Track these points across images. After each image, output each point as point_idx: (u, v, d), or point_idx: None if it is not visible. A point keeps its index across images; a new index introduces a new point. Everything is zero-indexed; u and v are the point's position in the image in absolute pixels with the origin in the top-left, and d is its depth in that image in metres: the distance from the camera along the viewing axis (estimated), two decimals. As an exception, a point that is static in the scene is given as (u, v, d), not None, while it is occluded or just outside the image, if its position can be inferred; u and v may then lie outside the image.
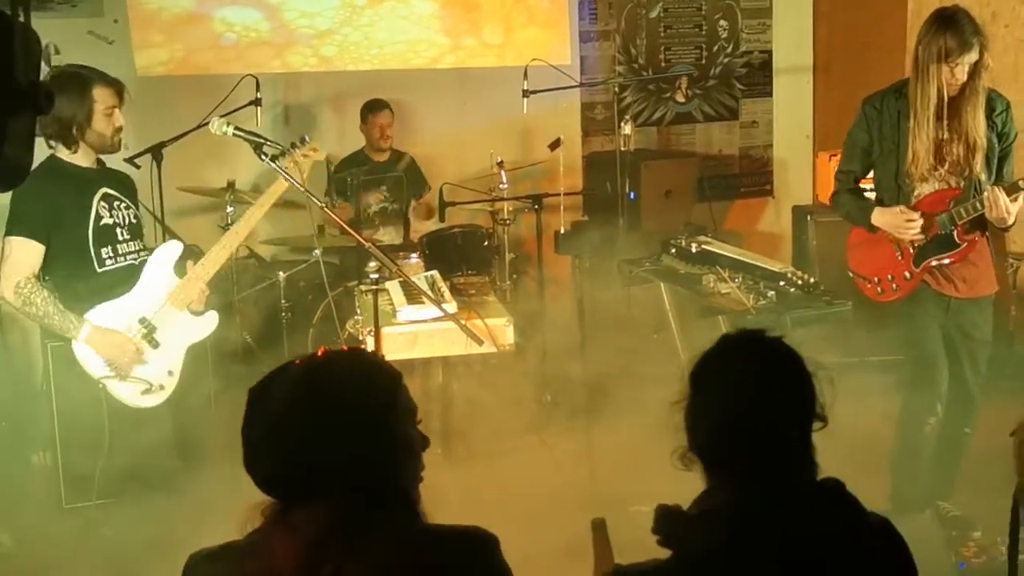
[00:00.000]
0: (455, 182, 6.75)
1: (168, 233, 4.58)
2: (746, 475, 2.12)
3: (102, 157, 4.25)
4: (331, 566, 1.87)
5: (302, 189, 4.02)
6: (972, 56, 4.07)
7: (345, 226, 4.12)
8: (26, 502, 4.99)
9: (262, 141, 4.00)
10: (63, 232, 4.03)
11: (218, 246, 4.23)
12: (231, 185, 6.05)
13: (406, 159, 7.00)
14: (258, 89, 5.91)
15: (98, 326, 4.00)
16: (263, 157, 4.00)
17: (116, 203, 4.18)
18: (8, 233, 4.03)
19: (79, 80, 4.05)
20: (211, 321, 4.27)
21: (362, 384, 2.00)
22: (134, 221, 4.26)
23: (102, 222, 4.10)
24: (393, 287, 4.28)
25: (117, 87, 4.13)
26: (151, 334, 4.12)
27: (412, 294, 4.13)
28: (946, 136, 4.24)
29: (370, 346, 4.04)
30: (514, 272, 6.41)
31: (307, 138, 4.31)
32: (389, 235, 6.80)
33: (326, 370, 2.02)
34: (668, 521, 2.15)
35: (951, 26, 4.07)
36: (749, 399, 2.13)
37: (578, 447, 5.33)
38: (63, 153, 4.08)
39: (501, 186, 6.28)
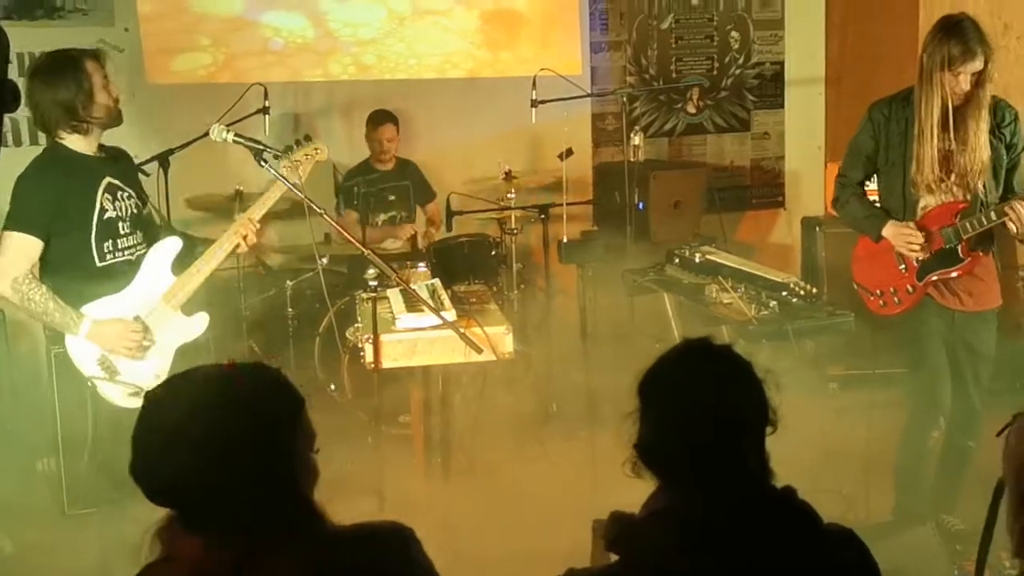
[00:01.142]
0: (463, 191, 6.75)
1: (168, 229, 4.47)
2: (691, 480, 2.12)
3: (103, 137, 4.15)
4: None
5: (302, 196, 4.01)
6: (976, 65, 4.04)
7: (345, 233, 4.13)
8: (29, 508, 5.01)
9: (261, 148, 3.99)
10: (66, 227, 3.93)
11: (215, 245, 4.15)
12: (239, 194, 6.06)
13: (411, 168, 7.00)
14: (266, 98, 5.92)
15: (97, 320, 3.92)
16: (263, 163, 3.98)
17: (119, 193, 4.07)
18: (7, 227, 3.94)
19: (70, 59, 3.98)
20: (201, 322, 4.18)
21: (266, 400, 1.95)
22: (135, 211, 4.14)
23: (106, 215, 3.99)
24: (394, 295, 4.28)
25: (100, 57, 4.04)
26: (144, 338, 4.07)
27: (412, 302, 4.12)
28: (953, 147, 4.21)
29: (369, 354, 4.03)
30: (521, 282, 6.40)
31: (309, 137, 4.26)
32: (397, 243, 6.80)
33: (230, 382, 1.96)
34: (616, 525, 2.15)
35: (956, 34, 4.05)
36: (692, 405, 2.14)
37: (580, 457, 5.31)
38: (68, 139, 3.98)
39: (509, 196, 6.27)
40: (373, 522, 1.99)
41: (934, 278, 4.32)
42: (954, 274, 4.30)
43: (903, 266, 4.38)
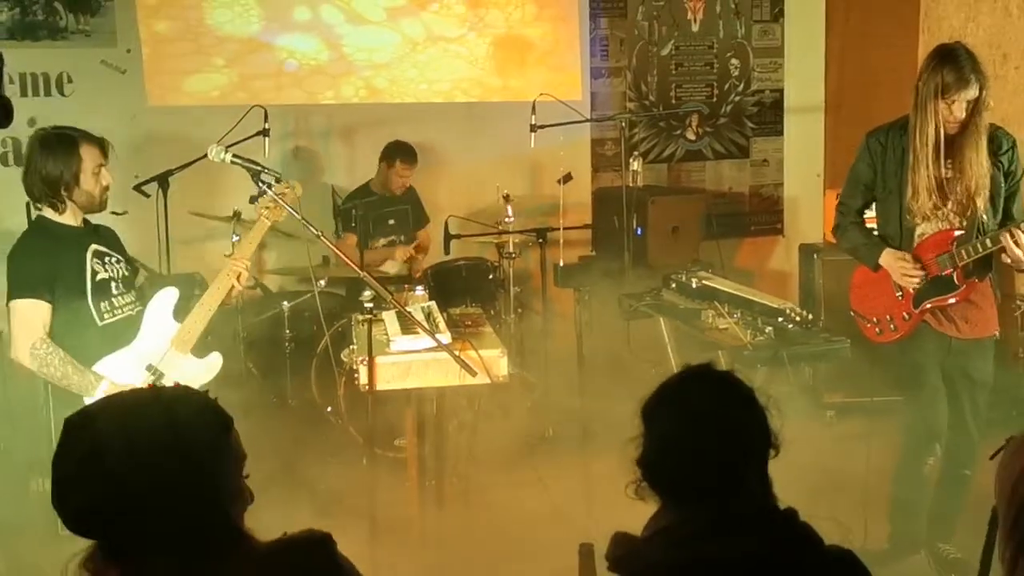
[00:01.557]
0: (462, 215, 6.76)
1: (162, 284, 4.56)
2: (694, 502, 2.14)
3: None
4: None
5: (299, 218, 4.02)
6: (971, 93, 4.04)
7: (341, 255, 4.13)
8: (22, 529, 4.99)
9: (259, 169, 4.01)
10: (63, 290, 3.99)
11: (212, 287, 4.23)
12: (237, 215, 6.07)
13: (411, 192, 7.02)
14: (266, 120, 5.93)
15: (112, 383, 3.96)
16: (260, 184, 4.00)
17: (107, 258, 4.16)
18: (12, 297, 3.98)
19: (66, 140, 4.05)
20: (215, 364, 4.23)
21: (189, 426, 1.89)
22: (126, 274, 4.24)
23: (98, 277, 4.08)
24: (389, 317, 4.28)
25: (102, 145, 4.12)
26: (159, 380, 4.10)
27: (407, 324, 4.12)
28: (949, 175, 4.21)
29: (363, 376, 4.03)
30: (519, 306, 6.40)
31: (279, 178, 4.29)
32: (396, 266, 6.81)
33: (149, 406, 1.91)
34: (620, 546, 2.15)
35: (950, 62, 4.05)
36: (695, 428, 2.17)
37: (574, 482, 5.30)
38: (49, 214, 4.06)
39: (507, 219, 6.28)
40: (291, 534, 1.95)
41: (929, 305, 4.31)
42: (951, 300, 4.29)
43: (899, 293, 4.38)
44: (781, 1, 8.19)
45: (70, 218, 4.08)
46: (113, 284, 4.13)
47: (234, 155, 4.06)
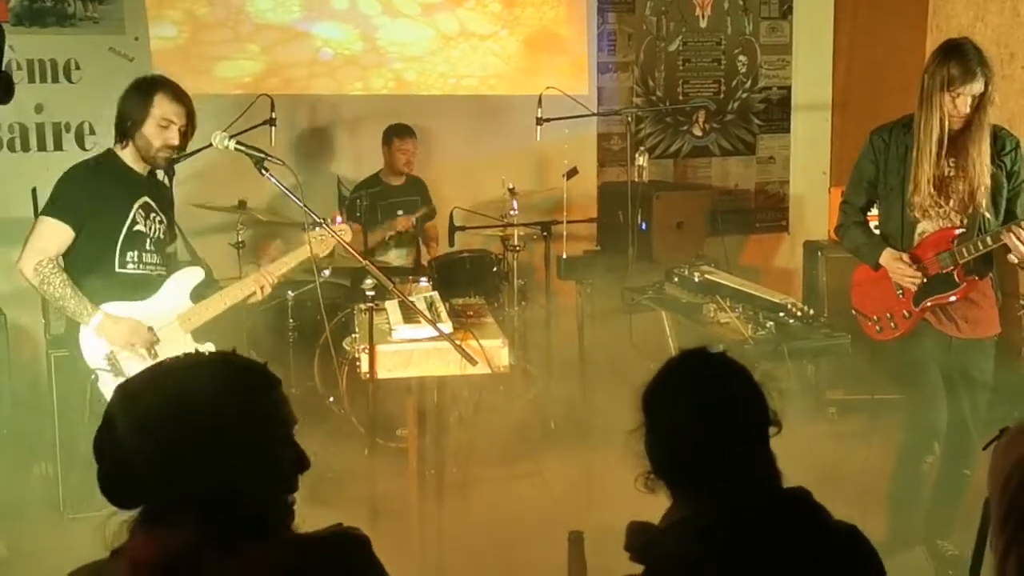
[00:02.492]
0: (467, 207, 6.77)
1: (192, 255, 4.63)
2: (706, 488, 2.15)
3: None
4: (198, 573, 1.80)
5: (300, 204, 4.04)
6: (976, 87, 4.05)
7: (345, 244, 4.16)
8: (26, 512, 5.03)
9: (262, 156, 4.03)
10: (97, 226, 4.09)
11: (235, 286, 4.37)
12: (243, 204, 6.10)
13: (421, 184, 7.03)
14: (273, 109, 5.94)
15: (110, 314, 4.05)
16: (264, 172, 4.02)
17: (152, 215, 4.25)
18: (44, 212, 4.13)
19: (145, 83, 4.20)
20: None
21: (234, 395, 1.89)
22: (162, 237, 4.32)
23: (135, 228, 4.16)
24: (391, 306, 4.29)
25: (185, 105, 4.19)
26: (154, 345, 4.14)
27: (409, 314, 4.13)
28: (951, 173, 4.22)
29: (364, 364, 4.04)
30: (522, 299, 6.41)
31: (340, 218, 4.55)
32: (401, 258, 6.82)
33: (198, 375, 1.91)
34: (638, 536, 2.16)
35: (956, 56, 4.07)
36: (697, 414, 2.18)
37: (574, 474, 5.31)
38: (118, 150, 4.21)
39: (512, 212, 6.29)
40: (333, 529, 1.96)
41: (929, 303, 4.32)
42: (951, 298, 4.29)
43: (900, 292, 4.38)
44: (790, -2, 8.19)
45: (134, 161, 4.20)
46: (148, 240, 4.22)
47: (237, 142, 4.09)
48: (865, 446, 4.97)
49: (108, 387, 4.07)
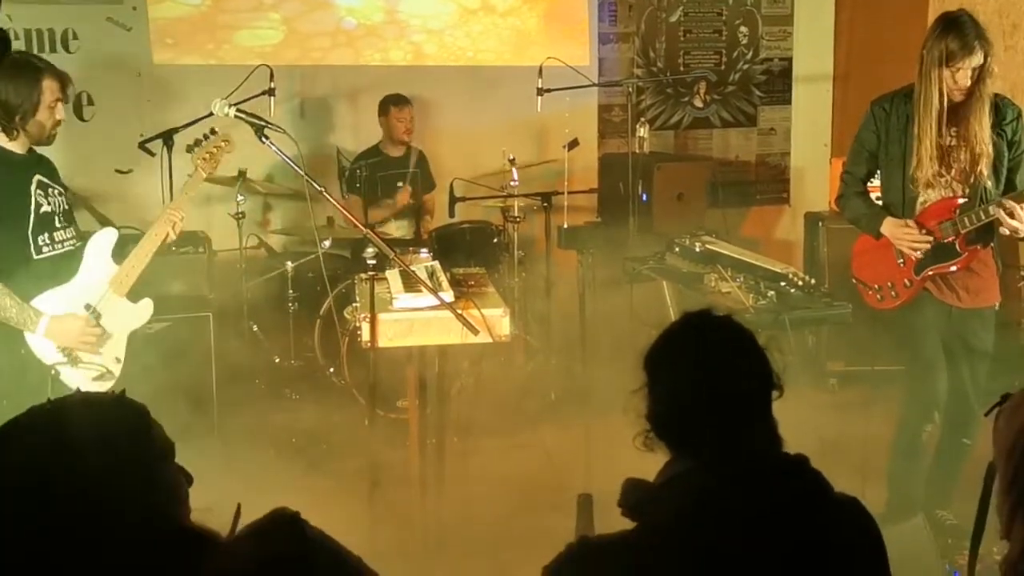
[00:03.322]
0: (467, 178, 6.76)
1: (100, 220, 4.51)
2: (705, 449, 2.14)
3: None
4: None
5: (302, 173, 4.02)
6: (975, 60, 4.04)
7: (343, 211, 4.14)
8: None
9: (263, 124, 3.99)
10: (4, 221, 3.91)
11: (150, 233, 4.19)
12: (242, 174, 6.08)
13: (420, 156, 7.02)
14: (272, 79, 5.93)
15: (53, 317, 3.92)
16: (264, 140, 4.00)
17: (50, 190, 4.11)
18: None
19: (31, 69, 3.98)
20: (147, 308, 4.23)
21: (110, 436, 1.74)
22: (66, 207, 4.18)
23: (42, 210, 4.02)
24: (392, 276, 4.28)
25: (63, 80, 4.07)
26: (97, 321, 4.09)
27: (410, 282, 4.13)
28: (952, 143, 4.21)
29: (366, 333, 4.03)
30: (523, 270, 6.41)
31: (215, 130, 4.34)
32: (402, 229, 6.82)
33: (55, 429, 1.72)
34: (633, 492, 2.15)
35: (954, 29, 4.05)
36: (699, 374, 2.17)
37: (575, 443, 5.32)
38: (3, 141, 4.00)
39: (512, 183, 6.28)
40: (256, 521, 1.85)
41: (930, 272, 4.31)
42: (952, 268, 4.29)
43: (901, 260, 4.38)
44: (791, -31, 8.15)
45: (17, 146, 4.02)
46: (56, 218, 4.08)
47: (238, 110, 4.06)
48: (865, 417, 4.98)
49: (71, 377, 4.01)
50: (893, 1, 7.53)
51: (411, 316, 4.06)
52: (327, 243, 5.96)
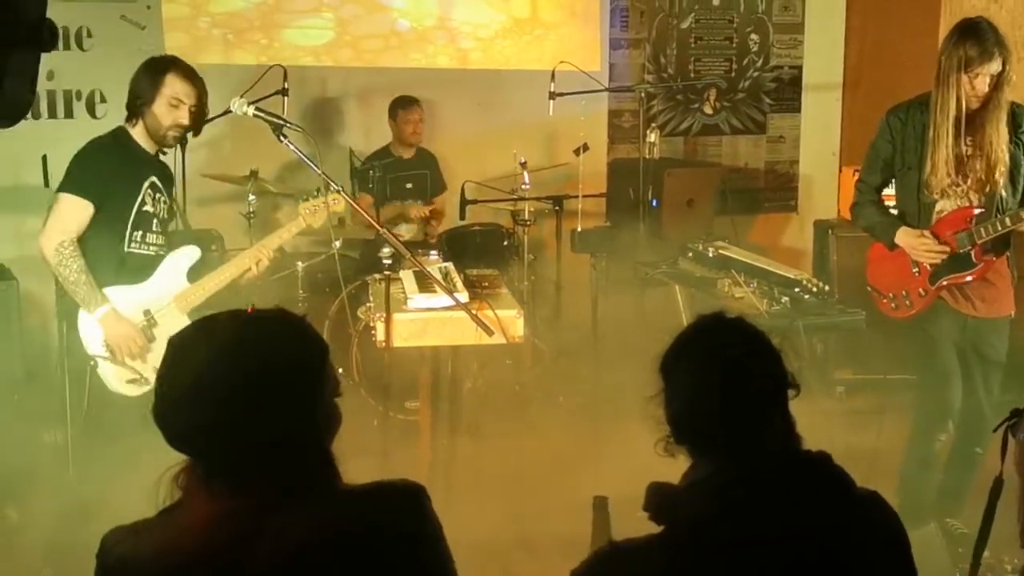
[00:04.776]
0: (478, 181, 6.76)
1: (191, 238, 4.63)
2: (724, 450, 2.15)
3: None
4: (253, 534, 1.79)
5: (319, 172, 4.04)
6: (994, 67, 4.04)
7: (360, 210, 4.15)
8: (34, 479, 5.03)
9: (281, 123, 4.02)
10: (111, 203, 4.08)
11: (231, 263, 4.36)
12: (254, 174, 6.08)
13: (431, 158, 7.02)
14: (285, 79, 5.93)
15: (115, 310, 4.03)
16: (282, 139, 4.02)
17: (158, 195, 4.26)
18: (62, 188, 4.10)
19: (157, 62, 4.23)
20: None
21: (292, 347, 1.91)
22: (166, 217, 4.34)
23: (144, 208, 4.17)
24: (406, 276, 4.30)
25: (196, 85, 4.19)
26: (151, 328, 4.14)
27: (425, 283, 4.14)
28: (968, 151, 4.21)
29: (380, 332, 4.04)
30: (532, 273, 6.41)
31: (329, 186, 4.37)
32: (411, 232, 6.82)
33: (255, 328, 1.93)
34: (657, 496, 2.16)
35: (973, 35, 4.05)
36: (715, 377, 2.17)
37: (585, 448, 5.32)
38: (130, 128, 4.20)
39: (523, 187, 6.29)
40: (386, 480, 1.94)
41: (945, 282, 4.31)
42: (968, 278, 4.29)
43: (916, 269, 4.38)
44: (803, -23, 8.16)
45: (144, 140, 4.20)
46: (155, 220, 4.23)
47: (256, 108, 4.08)
48: (872, 425, 4.98)
49: (107, 373, 4.08)
50: (904, 11, 7.54)
51: (426, 316, 4.08)
52: (338, 243, 5.95)
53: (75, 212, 4.03)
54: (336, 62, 7.17)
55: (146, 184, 4.18)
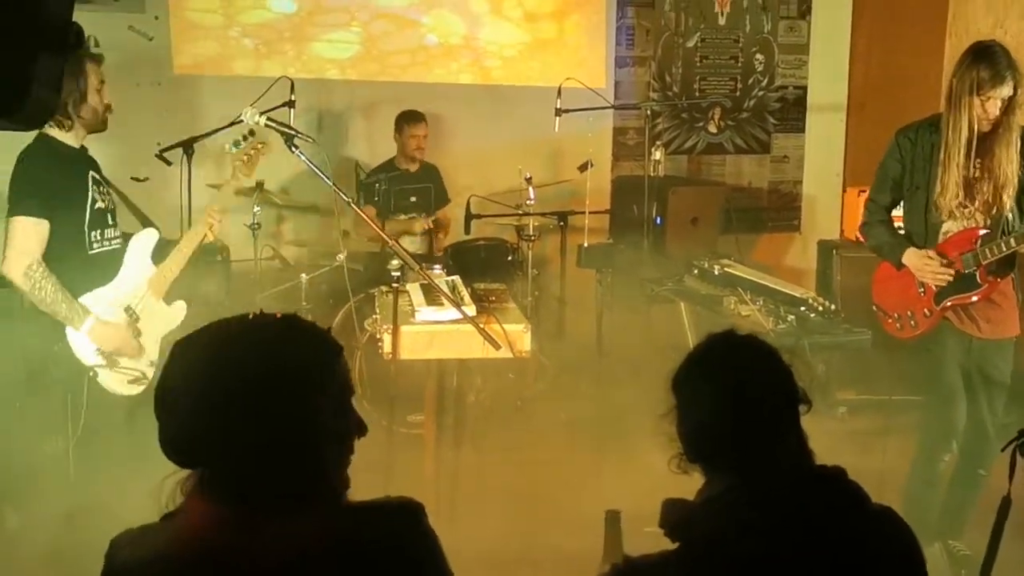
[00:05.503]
0: (482, 196, 6.77)
1: (142, 220, 4.54)
2: (739, 466, 2.16)
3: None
4: (245, 542, 1.78)
5: (330, 184, 4.03)
6: (1005, 90, 4.05)
7: (370, 222, 4.16)
8: (35, 486, 5.01)
9: (293, 133, 4.01)
10: (64, 213, 3.94)
11: (188, 236, 4.26)
12: (259, 185, 6.07)
13: (435, 171, 7.03)
14: (292, 91, 5.93)
15: (99, 318, 3.96)
16: (294, 149, 4.01)
17: (103, 188, 4.14)
18: (12, 213, 3.91)
19: (74, 60, 3.94)
20: (180, 310, 4.27)
21: (293, 351, 1.86)
22: (113, 207, 4.22)
23: (96, 205, 4.05)
24: (413, 289, 4.29)
25: (100, 62, 4.06)
26: (135, 323, 4.11)
27: (432, 296, 4.14)
28: (977, 174, 4.22)
29: (387, 345, 4.04)
30: (536, 289, 6.41)
31: (253, 132, 4.35)
32: (414, 245, 6.81)
33: (254, 334, 1.89)
34: (673, 512, 2.16)
35: (985, 59, 4.06)
36: (728, 394, 2.19)
37: (588, 464, 5.31)
38: (54, 132, 3.99)
39: (528, 202, 6.29)
40: (384, 498, 1.93)
41: (950, 303, 4.31)
42: (973, 299, 4.29)
43: (921, 290, 4.38)
44: (809, -2, 8.19)
45: (73, 139, 4.03)
46: (108, 215, 4.12)
47: (268, 118, 4.07)
48: (875, 446, 4.97)
49: (108, 379, 4.03)
50: (910, 34, 7.56)
51: (433, 329, 4.07)
52: (342, 256, 5.95)
53: (32, 233, 3.86)
54: (362, 76, 7.23)
55: (90, 182, 4.05)
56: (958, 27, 6.99)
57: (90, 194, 4.03)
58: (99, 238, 4.06)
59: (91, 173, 4.08)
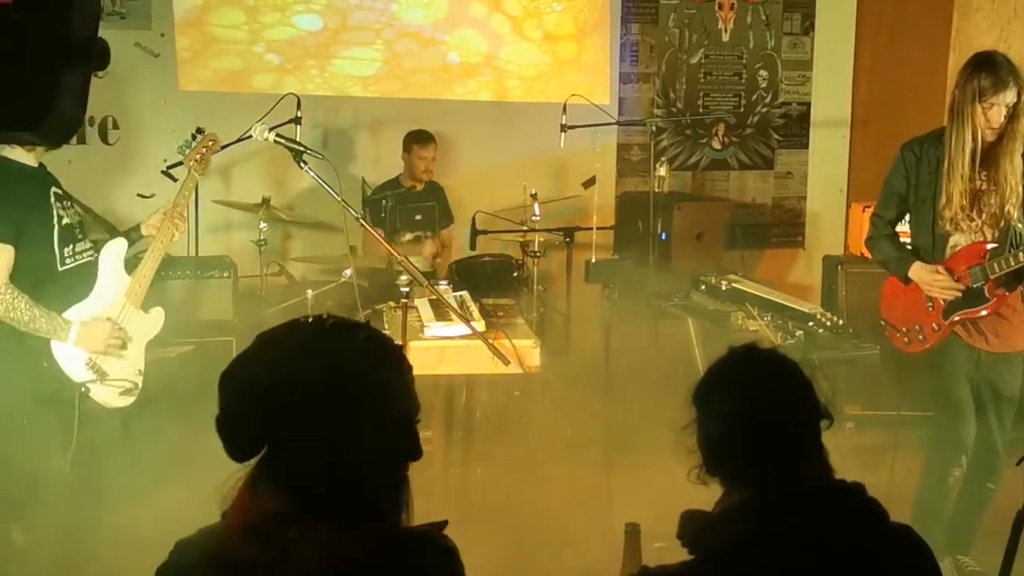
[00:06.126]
0: (488, 212, 6.78)
1: (108, 229, 4.51)
2: (759, 479, 2.17)
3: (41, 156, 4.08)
4: (288, 539, 1.77)
5: (339, 200, 4.04)
6: (1008, 97, 4.06)
7: (379, 237, 4.16)
8: (40, 502, 5.00)
9: (302, 149, 4.02)
10: (31, 233, 3.85)
11: (156, 241, 4.20)
12: (266, 201, 6.09)
13: (440, 190, 7.04)
14: (299, 108, 5.95)
15: (83, 323, 3.90)
16: (303, 165, 4.01)
17: (65, 202, 4.06)
18: None
19: None
20: (159, 316, 4.23)
21: (370, 364, 1.87)
22: (79, 219, 4.14)
23: (64, 221, 3.97)
24: (422, 304, 4.30)
25: None
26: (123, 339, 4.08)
27: (441, 311, 4.14)
28: (983, 186, 4.22)
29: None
30: (541, 305, 6.41)
31: (202, 129, 4.34)
32: (419, 262, 6.81)
33: (346, 338, 1.89)
34: (691, 524, 2.17)
35: (987, 67, 4.08)
36: (750, 408, 2.21)
37: (596, 480, 5.30)
38: (7, 152, 3.88)
39: (533, 218, 6.30)
40: (425, 528, 1.93)
41: (958, 318, 4.31)
42: (982, 313, 4.29)
43: (930, 304, 4.38)
44: (812, 15, 8.19)
45: (28, 157, 3.92)
46: (76, 230, 4.05)
47: (277, 134, 4.08)
48: (883, 462, 4.96)
49: (100, 394, 4.00)
50: (913, 50, 7.58)
51: (442, 344, 4.07)
52: (348, 272, 5.96)
53: None
54: (383, 93, 7.28)
55: (52, 199, 3.95)
56: (961, 42, 7.01)
57: (54, 211, 3.94)
58: (71, 253, 4.00)
59: (52, 189, 3.98)
